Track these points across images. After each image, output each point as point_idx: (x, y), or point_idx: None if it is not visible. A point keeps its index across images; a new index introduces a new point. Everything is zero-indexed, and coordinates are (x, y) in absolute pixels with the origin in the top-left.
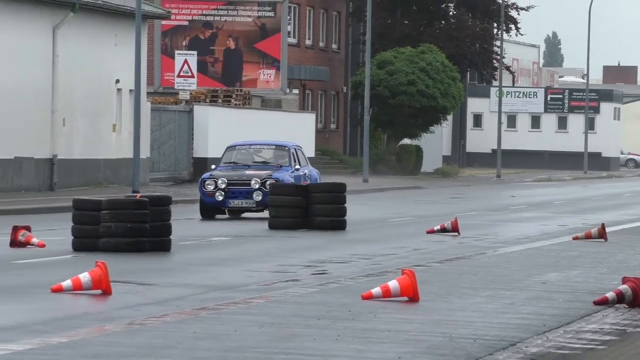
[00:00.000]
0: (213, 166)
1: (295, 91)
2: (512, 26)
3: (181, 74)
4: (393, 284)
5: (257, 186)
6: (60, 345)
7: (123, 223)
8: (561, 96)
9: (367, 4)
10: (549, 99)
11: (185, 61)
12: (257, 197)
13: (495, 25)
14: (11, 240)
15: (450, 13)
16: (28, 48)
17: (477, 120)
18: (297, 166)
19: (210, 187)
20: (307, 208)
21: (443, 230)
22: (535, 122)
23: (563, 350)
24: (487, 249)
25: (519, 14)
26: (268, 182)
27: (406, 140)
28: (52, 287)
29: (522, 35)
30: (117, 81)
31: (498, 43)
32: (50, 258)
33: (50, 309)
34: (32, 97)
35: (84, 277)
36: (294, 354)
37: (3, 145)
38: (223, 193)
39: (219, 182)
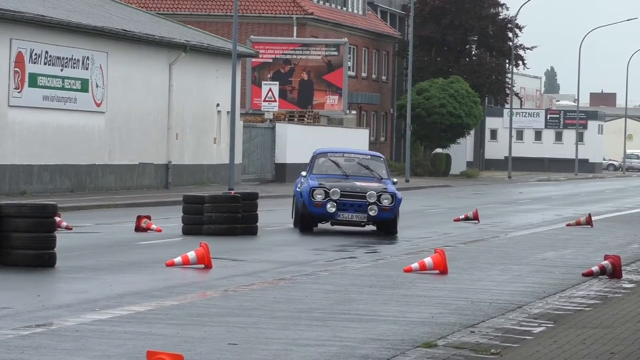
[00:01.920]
0: (303, 173)
1: (354, 112)
2: (520, 62)
3: (266, 99)
4: (428, 260)
5: (372, 200)
6: (172, 307)
7: (221, 213)
8: (558, 116)
9: (409, 46)
10: (548, 118)
11: (270, 89)
12: (372, 211)
13: (507, 61)
14: (136, 227)
15: (473, 52)
16: (150, 80)
17: (494, 134)
18: (395, 179)
19: (320, 197)
20: None
21: (466, 219)
22: (538, 135)
23: (558, 312)
24: (500, 233)
25: (525, 53)
26: (383, 197)
27: (438, 150)
28: (166, 262)
29: (527, 69)
30: (218, 105)
31: (509, 75)
32: (165, 240)
33: (165, 279)
34: (153, 117)
35: (191, 254)
36: (351, 314)
37: (131, 154)
38: (335, 204)
39: (332, 192)
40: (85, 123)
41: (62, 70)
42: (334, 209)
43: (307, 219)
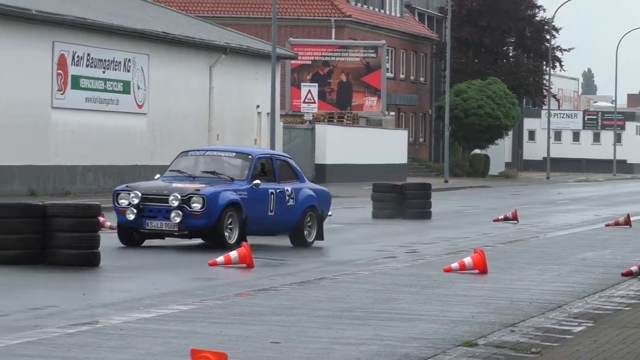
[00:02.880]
0: (157, 176)
1: (392, 113)
2: (557, 64)
3: (305, 100)
4: (467, 259)
5: (176, 203)
6: (215, 306)
7: None
8: (595, 117)
9: (446, 48)
10: (586, 119)
11: (309, 91)
12: (176, 218)
13: (544, 63)
14: None
15: (510, 54)
16: (191, 82)
17: (531, 135)
18: (257, 181)
19: (124, 202)
20: (402, 202)
21: (505, 219)
22: (576, 136)
23: (598, 311)
24: (540, 233)
25: (562, 54)
26: (193, 200)
27: (477, 151)
28: (209, 262)
29: (565, 70)
30: (258, 106)
31: (547, 77)
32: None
33: (208, 279)
34: (194, 118)
35: (233, 254)
36: (392, 313)
37: (172, 154)
38: (135, 210)
39: (132, 195)
40: (127, 124)
41: (104, 72)
42: (133, 216)
43: (120, 230)
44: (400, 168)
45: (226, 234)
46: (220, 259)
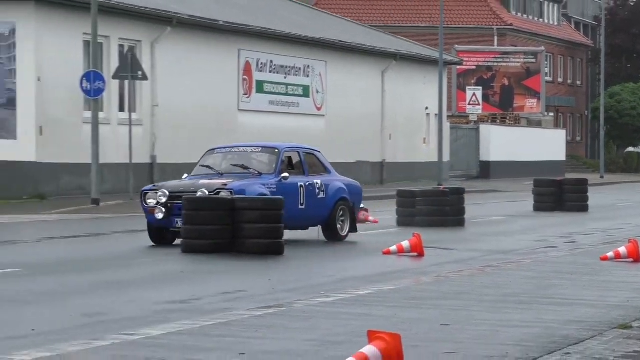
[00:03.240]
0: (185, 175)
1: (551, 114)
2: None
3: (470, 102)
4: (622, 249)
5: None
6: (389, 291)
7: (431, 207)
8: None
9: (601, 54)
10: None
11: (474, 94)
12: None
13: None
14: (355, 218)
15: None
16: (365, 86)
17: None
18: (285, 174)
19: (152, 202)
20: (561, 196)
21: None
22: None
23: None
24: None
25: None
26: (221, 195)
27: (630, 149)
28: (383, 250)
29: None
30: (426, 108)
31: None
32: (381, 230)
33: (382, 266)
34: (368, 119)
35: (405, 243)
36: (553, 298)
37: (348, 153)
38: (164, 209)
39: (159, 194)
40: (307, 125)
41: (285, 77)
42: (161, 215)
43: (150, 229)
44: (559, 165)
45: None
46: (393, 248)
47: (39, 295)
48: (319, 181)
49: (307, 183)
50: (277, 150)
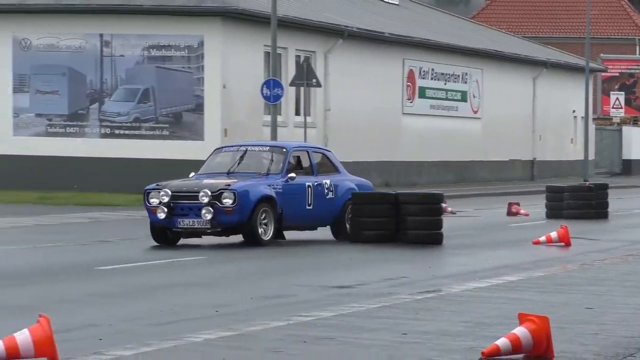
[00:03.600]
0: (192, 174)
1: None
2: None
3: (614, 106)
4: None
5: (206, 200)
6: (538, 277)
7: (577, 201)
8: None
9: None
10: None
11: (617, 98)
12: (207, 215)
13: None
14: (507, 211)
15: None
16: (517, 91)
17: None
18: (292, 174)
19: (155, 201)
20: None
21: None
22: None
23: None
24: None
25: None
26: (223, 196)
27: None
28: (533, 241)
29: None
30: (574, 111)
31: None
32: (531, 222)
33: (532, 254)
34: (520, 122)
35: (553, 234)
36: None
37: (502, 152)
38: (166, 209)
39: (162, 193)
40: (465, 127)
41: (445, 84)
42: (163, 215)
43: (153, 229)
44: None
45: (260, 230)
46: (543, 238)
47: (218, 280)
48: (328, 181)
49: (316, 183)
50: (284, 150)
